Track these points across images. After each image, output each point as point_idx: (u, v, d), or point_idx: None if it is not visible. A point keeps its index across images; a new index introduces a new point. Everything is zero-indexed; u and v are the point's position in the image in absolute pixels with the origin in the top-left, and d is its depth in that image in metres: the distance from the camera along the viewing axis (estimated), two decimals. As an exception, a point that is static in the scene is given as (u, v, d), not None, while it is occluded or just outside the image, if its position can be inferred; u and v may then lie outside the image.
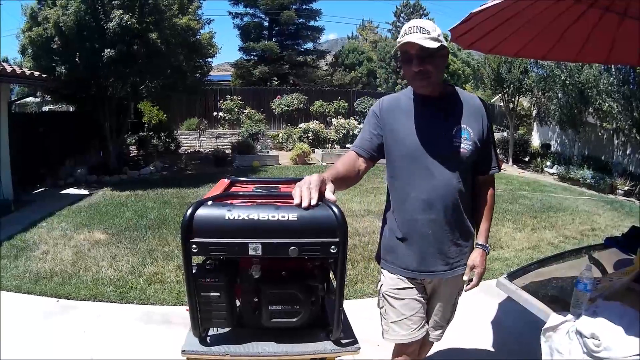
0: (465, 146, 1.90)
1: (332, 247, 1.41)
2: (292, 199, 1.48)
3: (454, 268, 2.01)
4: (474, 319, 3.66)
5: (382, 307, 2.12)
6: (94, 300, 4.20)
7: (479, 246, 2.05)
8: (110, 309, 4.07)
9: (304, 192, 1.43)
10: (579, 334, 1.95)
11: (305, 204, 1.40)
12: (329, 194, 1.49)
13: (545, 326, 2.12)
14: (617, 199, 10.75)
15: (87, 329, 3.67)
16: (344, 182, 1.91)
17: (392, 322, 2.06)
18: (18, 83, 9.98)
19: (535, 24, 2.73)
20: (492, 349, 3.42)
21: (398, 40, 1.85)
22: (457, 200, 1.93)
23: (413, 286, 2.02)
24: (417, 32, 1.79)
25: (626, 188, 11.29)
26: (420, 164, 1.91)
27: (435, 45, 1.78)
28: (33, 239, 5.95)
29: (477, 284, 2.05)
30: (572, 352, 1.95)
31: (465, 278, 2.02)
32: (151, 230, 6.34)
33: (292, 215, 1.39)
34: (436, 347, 2.27)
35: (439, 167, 1.90)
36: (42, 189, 9.63)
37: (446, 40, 1.94)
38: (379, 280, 2.14)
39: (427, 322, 2.13)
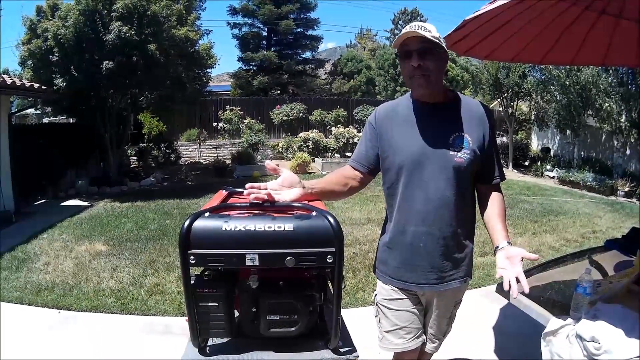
0: (463, 155, 1.84)
1: (329, 256, 1.42)
2: (289, 210, 1.50)
3: (447, 281, 1.95)
4: (475, 323, 3.66)
5: (377, 317, 2.11)
6: (96, 312, 4.21)
7: (508, 244, 1.80)
8: (111, 320, 4.07)
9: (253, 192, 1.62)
10: (579, 337, 1.95)
11: (245, 192, 1.64)
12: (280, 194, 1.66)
13: (545, 330, 2.12)
14: (618, 200, 10.76)
15: (89, 340, 3.67)
16: (331, 194, 1.94)
17: (385, 332, 2.05)
18: (18, 95, 10.02)
19: (531, 28, 2.74)
20: (494, 354, 3.41)
21: (398, 37, 1.81)
22: (453, 212, 1.88)
23: (406, 297, 1.99)
24: (418, 29, 1.75)
25: (627, 189, 11.29)
26: (415, 174, 1.87)
27: (435, 39, 1.76)
28: (34, 250, 5.96)
29: (528, 257, 1.71)
30: (572, 355, 1.95)
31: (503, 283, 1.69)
32: (152, 241, 6.34)
33: (288, 226, 1.40)
34: (437, 353, 2.26)
35: (434, 178, 1.85)
36: (43, 201, 9.66)
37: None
38: (375, 290, 2.13)
39: (425, 332, 2.11)
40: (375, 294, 2.11)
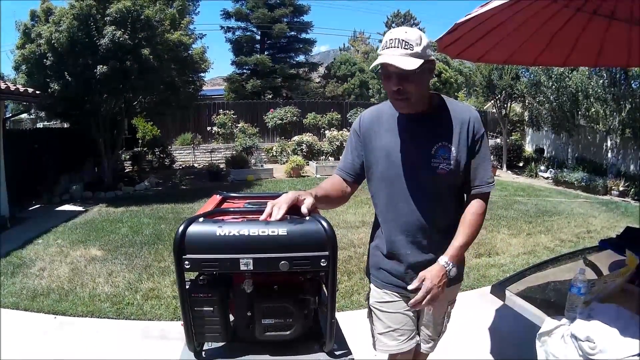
0: (445, 166, 1.80)
1: (322, 260, 1.42)
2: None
3: None
4: (470, 325, 3.66)
5: (370, 319, 2.11)
6: (92, 317, 4.19)
7: (442, 262, 1.78)
8: (107, 325, 4.06)
9: (267, 208, 1.49)
10: (574, 337, 1.96)
11: (262, 217, 1.47)
12: (303, 209, 1.54)
13: (540, 331, 2.12)
14: (613, 199, 10.80)
15: (85, 345, 3.66)
16: (329, 201, 1.90)
17: (379, 334, 2.05)
18: (12, 100, 9.99)
19: (522, 31, 2.75)
20: (489, 355, 3.42)
21: (378, 52, 1.75)
22: (438, 222, 1.87)
23: (399, 299, 1.99)
24: (398, 47, 1.65)
25: (621, 188, 11.34)
26: (397, 186, 1.86)
27: (416, 65, 1.64)
28: (29, 255, 5.94)
29: (420, 300, 1.72)
30: (567, 355, 1.96)
31: (410, 287, 1.77)
32: (147, 246, 6.33)
33: (281, 230, 1.40)
34: (432, 355, 2.26)
35: (416, 189, 1.84)
36: (37, 206, 9.61)
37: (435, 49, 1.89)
38: (368, 293, 2.13)
39: (419, 333, 2.10)
40: (368, 297, 2.11)
